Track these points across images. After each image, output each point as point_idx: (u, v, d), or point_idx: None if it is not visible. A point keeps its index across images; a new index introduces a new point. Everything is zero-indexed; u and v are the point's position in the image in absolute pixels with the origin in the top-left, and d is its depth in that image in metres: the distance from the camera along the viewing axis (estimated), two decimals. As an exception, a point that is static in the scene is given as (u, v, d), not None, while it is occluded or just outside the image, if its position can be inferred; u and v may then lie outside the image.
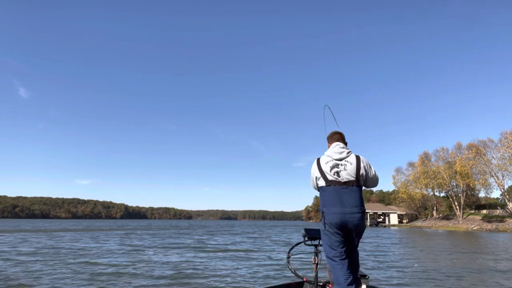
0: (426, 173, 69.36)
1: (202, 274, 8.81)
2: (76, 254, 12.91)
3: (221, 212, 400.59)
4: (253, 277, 8.46)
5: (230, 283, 7.77)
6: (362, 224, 3.17)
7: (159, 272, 9.00)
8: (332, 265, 3.17)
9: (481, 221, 58.59)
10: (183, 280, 7.92)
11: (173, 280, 7.96)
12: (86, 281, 7.65)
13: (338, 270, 3.12)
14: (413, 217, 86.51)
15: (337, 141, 3.46)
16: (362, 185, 3.28)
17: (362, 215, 3.15)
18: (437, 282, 8.04)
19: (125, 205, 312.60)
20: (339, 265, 3.12)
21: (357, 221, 3.09)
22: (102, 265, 10.12)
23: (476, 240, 26.32)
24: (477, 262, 12.01)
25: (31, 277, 8.04)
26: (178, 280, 7.92)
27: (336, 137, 3.49)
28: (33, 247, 15.82)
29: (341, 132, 3.57)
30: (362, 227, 3.19)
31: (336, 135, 3.51)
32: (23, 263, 10.45)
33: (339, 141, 3.44)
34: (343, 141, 3.49)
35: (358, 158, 3.24)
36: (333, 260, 3.15)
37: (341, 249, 3.14)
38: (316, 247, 3.66)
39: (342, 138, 3.51)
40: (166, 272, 8.94)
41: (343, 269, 3.10)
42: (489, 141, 60.72)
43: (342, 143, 3.43)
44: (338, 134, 3.53)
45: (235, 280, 8.00)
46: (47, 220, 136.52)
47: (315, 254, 3.62)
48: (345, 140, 3.52)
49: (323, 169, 3.26)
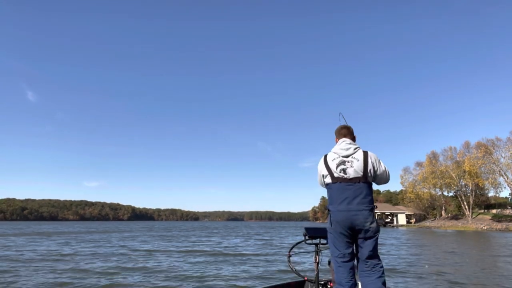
0: (434, 173, 68.67)
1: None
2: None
3: (227, 213, 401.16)
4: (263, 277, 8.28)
5: (233, 281, 7.65)
6: (369, 223, 2.95)
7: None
8: (335, 265, 3.09)
9: (490, 220, 57.73)
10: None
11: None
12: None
13: (340, 271, 3.03)
14: (421, 217, 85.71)
15: (344, 136, 3.31)
16: (371, 182, 3.12)
17: (370, 212, 2.97)
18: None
19: (132, 207, 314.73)
20: (341, 267, 3.03)
21: (364, 219, 2.93)
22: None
23: (490, 240, 25.85)
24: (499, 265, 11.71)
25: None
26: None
27: (344, 132, 3.34)
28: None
29: (349, 126, 3.42)
30: (371, 226, 2.96)
31: (343, 130, 3.36)
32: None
33: (346, 137, 3.30)
34: (351, 136, 3.33)
35: (366, 154, 3.11)
36: (336, 260, 3.07)
37: (345, 251, 3.03)
38: (317, 246, 3.63)
39: (350, 133, 3.35)
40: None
41: (345, 272, 3.01)
42: (497, 140, 60.03)
43: (350, 139, 3.28)
44: (346, 128, 3.37)
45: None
46: (54, 222, 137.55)
47: (316, 253, 3.60)
48: (353, 135, 3.37)
49: (329, 166, 3.15)
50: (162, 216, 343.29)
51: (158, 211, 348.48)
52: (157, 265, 10.63)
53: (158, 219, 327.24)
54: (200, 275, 8.74)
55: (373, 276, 2.97)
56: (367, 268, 3.00)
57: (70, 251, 14.87)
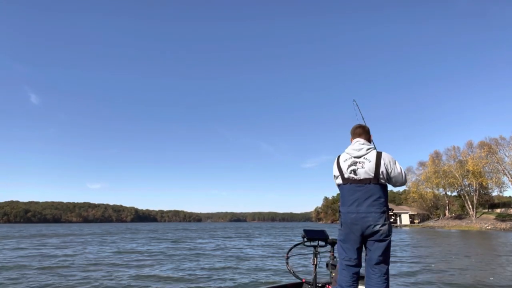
0: (437, 173, 68.41)
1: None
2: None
3: (230, 214, 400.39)
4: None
5: (230, 281, 7.66)
6: (379, 225, 2.83)
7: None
8: (340, 267, 3.05)
9: (495, 220, 57.42)
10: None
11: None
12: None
13: (343, 274, 2.98)
14: (425, 217, 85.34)
15: (359, 136, 3.21)
16: (385, 184, 3.02)
17: (380, 215, 2.85)
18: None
19: (135, 209, 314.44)
20: (345, 270, 2.97)
21: (373, 221, 2.83)
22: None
23: (495, 240, 25.75)
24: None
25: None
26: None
27: (358, 132, 3.24)
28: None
29: (364, 125, 3.34)
30: (380, 229, 2.83)
31: (358, 130, 3.26)
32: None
33: (360, 136, 3.20)
34: (366, 136, 3.22)
35: (379, 155, 3.00)
36: (341, 262, 3.02)
37: (352, 255, 2.95)
38: (315, 248, 3.61)
39: (365, 132, 3.24)
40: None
41: (348, 275, 2.94)
42: (501, 139, 59.75)
43: (364, 139, 3.18)
44: (360, 128, 3.27)
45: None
46: (58, 225, 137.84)
47: (314, 255, 3.57)
48: (368, 134, 3.26)
49: (341, 167, 3.10)
50: (165, 217, 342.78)
51: (161, 213, 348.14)
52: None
53: (161, 221, 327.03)
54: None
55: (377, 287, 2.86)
56: (374, 275, 2.88)
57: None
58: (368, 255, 2.95)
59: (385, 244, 2.87)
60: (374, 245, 2.88)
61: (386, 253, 2.89)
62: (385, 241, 2.87)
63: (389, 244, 2.91)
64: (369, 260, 2.94)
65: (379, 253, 2.86)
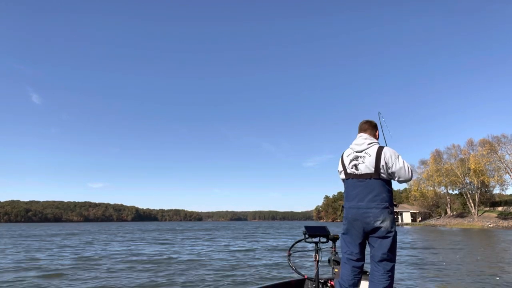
0: (439, 171, 68.48)
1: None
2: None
3: (231, 213, 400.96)
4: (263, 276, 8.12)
5: (231, 278, 7.52)
6: (380, 221, 2.79)
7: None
8: (342, 260, 3.06)
9: (496, 218, 57.29)
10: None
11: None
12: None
13: (344, 268, 2.99)
14: (426, 215, 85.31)
15: (364, 131, 3.21)
16: (388, 179, 2.96)
17: (381, 210, 2.81)
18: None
19: (136, 208, 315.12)
20: (346, 264, 2.97)
21: (374, 218, 2.80)
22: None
23: (498, 238, 25.57)
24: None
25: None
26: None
27: (364, 127, 3.24)
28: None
29: (371, 121, 3.30)
30: (381, 225, 2.79)
31: (363, 125, 3.26)
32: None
33: (366, 132, 3.20)
34: (371, 131, 3.21)
35: (380, 149, 2.96)
36: (343, 256, 3.04)
37: (354, 249, 2.94)
38: (317, 244, 3.63)
39: (371, 127, 3.23)
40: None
41: (348, 269, 2.94)
42: (502, 137, 59.54)
43: (367, 134, 3.16)
44: (366, 123, 3.26)
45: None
46: (59, 224, 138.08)
47: (316, 251, 3.60)
48: (375, 129, 3.25)
49: (344, 162, 3.13)
50: (165, 216, 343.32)
51: (161, 212, 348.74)
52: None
53: (162, 220, 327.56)
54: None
55: (380, 285, 2.80)
56: (377, 272, 2.84)
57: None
58: (372, 252, 2.92)
59: (388, 241, 2.82)
60: (377, 242, 2.85)
61: (390, 250, 2.83)
62: (388, 238, 2.82)
63: (394, 241, 2.85)
64: (372, 257, 2.91)
65: (383, 251, 2.82)
